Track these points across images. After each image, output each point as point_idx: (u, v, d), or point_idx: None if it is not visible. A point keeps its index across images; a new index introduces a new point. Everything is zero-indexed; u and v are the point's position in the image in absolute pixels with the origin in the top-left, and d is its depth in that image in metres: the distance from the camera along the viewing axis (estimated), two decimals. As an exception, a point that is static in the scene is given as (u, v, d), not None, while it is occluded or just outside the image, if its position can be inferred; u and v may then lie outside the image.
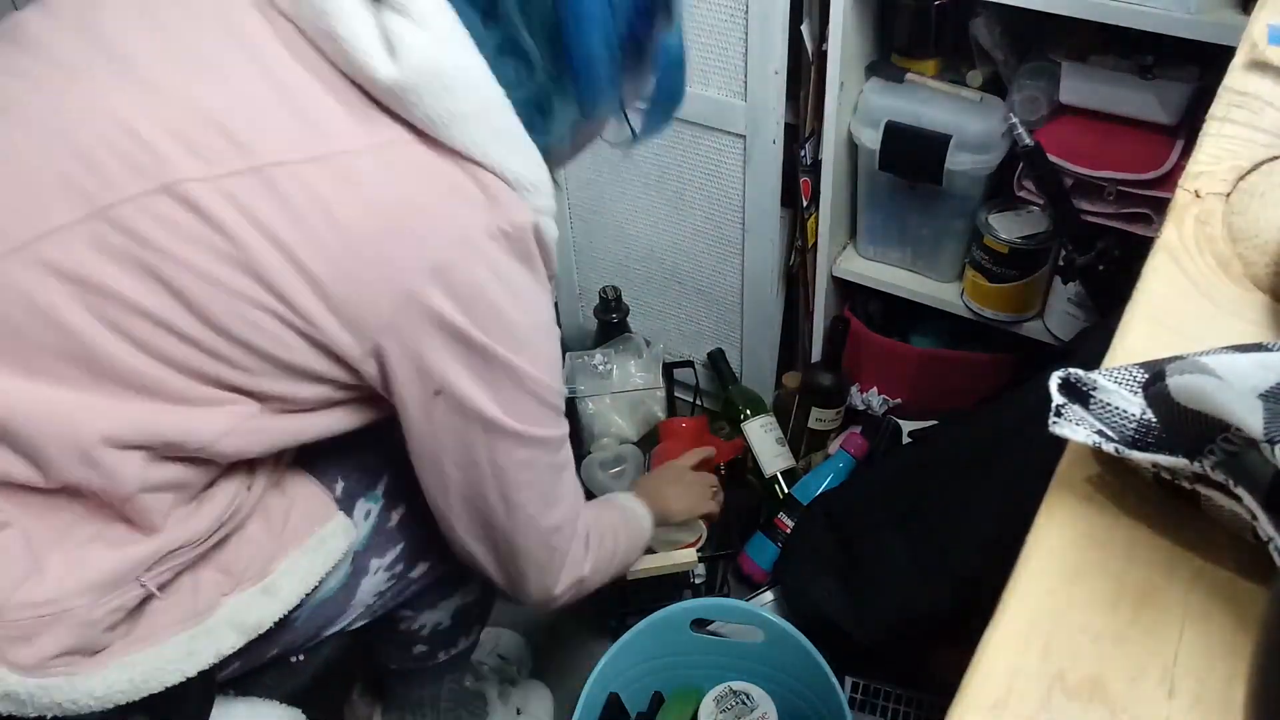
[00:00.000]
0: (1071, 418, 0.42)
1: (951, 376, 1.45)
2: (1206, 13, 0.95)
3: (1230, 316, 0.50)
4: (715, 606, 1.22)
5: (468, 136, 0.66)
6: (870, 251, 1.42)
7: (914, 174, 1.26)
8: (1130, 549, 0.40)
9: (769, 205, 1.41)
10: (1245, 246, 0.53)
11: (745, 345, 1.63)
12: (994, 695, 0.36)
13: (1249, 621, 0.37)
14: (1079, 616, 0.38)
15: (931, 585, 1.14)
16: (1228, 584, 0.39)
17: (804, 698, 1.18)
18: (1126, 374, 0.43)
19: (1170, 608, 0.38)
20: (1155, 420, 0.41)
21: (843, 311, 1.50)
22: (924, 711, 1.25)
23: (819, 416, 1.52)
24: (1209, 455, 0.38)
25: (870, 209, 1.37)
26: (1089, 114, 1.12)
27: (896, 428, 1.42)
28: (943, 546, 1.13)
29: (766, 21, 1.23)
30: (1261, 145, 0.59)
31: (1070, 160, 1.12)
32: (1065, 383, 0.43)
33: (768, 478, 1.51)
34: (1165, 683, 0.36)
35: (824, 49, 1.21)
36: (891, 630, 1.19)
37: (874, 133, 1.24)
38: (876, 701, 1.26)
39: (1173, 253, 0.53)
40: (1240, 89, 0.64)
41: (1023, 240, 1.23)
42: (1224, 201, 0.56)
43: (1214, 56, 0.94)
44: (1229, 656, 0.36)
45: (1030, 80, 1.15)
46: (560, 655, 1.43)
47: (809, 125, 1.33)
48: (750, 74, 1.29)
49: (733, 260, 1.52)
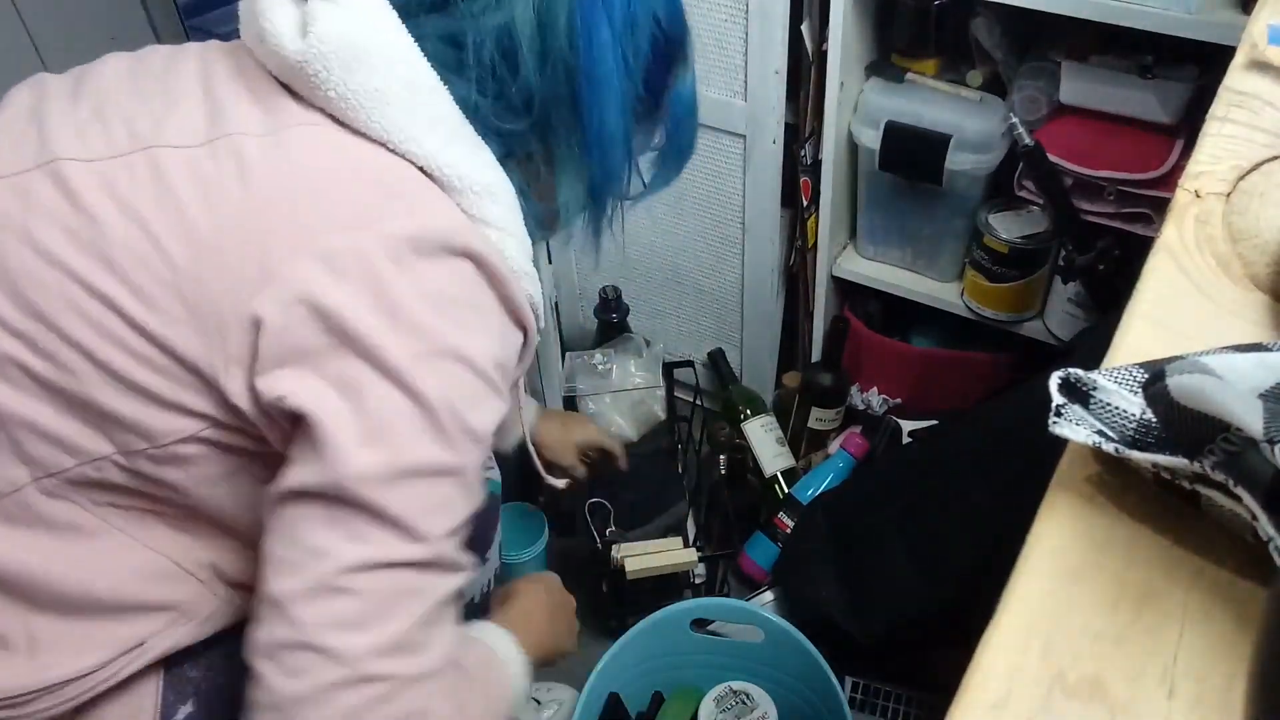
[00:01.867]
0: (1071, 418, 0.42)
1: (951, 376, 1.45)
2: (1206, 13, 0.95)
3: (1230, 316, 0.50)
4: (715, 606, 1.22)
5: (387, 119, 0.59)
6: (870, 251, 1.42)
7: (914, 174, 1.26)
8: (1130, 549, 0.40)
9: (769, 205, 1.41)
10: (1245, 246, 0.53)
11: (745, 345, 1.63)
12: (994, 695, 0.36)
13: (1249, 621, 0.37)
14: (1079, 616, 0.38)
15: (931, 585, 1.13)
16: (1228, 584, 0.39)
17: (804, 697, 1.18)
18: (1126, 374, 0.43)
19: (1170, 608, 0.38)
20: (1155, 420, 0.41)
21: (843, 311, 1.50)
22: (924, 711, 1.25)
23: (819, 416, 1.52)
24: (1209, 455, 0.38)
25: (870, 209, 1.37)
26: (1089, 114, 1.12)
27: (896, 428, 1.42)
28: (943, 546, 1.13)
29: (766, 21, 1.23)
30: (1261, 145, 0.59)
31: (1070, 160, 1.12)
32: (1065, 383, 0.43)
33: (768, 478, 1.51)
34: (1165, 683, 0.36)
35: (824, 49, 1.21)
36: (891, 630, 1.19)
37: (874, 133, 1.24)
38: (876, 701, 1.26)
39: (1173, 253, 0.53)
40: (1240, 89, 0.64)
41: (1023, 240, 1.23)
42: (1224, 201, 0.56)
43: (1214, 56, 0.94)
44: (1229, 656, 0.36)
45: (1030, 80, 1.15)
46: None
47: (809, 125, 1.33)
48: (750, 74, 1.29)
49: (733, 260, 1.52)
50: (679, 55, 0.71)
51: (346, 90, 0.59)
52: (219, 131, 0.60)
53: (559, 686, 1.33)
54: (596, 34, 0.61)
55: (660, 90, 0.71)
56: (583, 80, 0.63)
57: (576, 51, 0.62)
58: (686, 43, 0.73)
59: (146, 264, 0.57)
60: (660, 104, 0.72)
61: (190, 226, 0.57)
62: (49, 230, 0.58)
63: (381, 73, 0.59)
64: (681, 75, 0.73)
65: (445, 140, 0.61)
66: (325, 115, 0.61)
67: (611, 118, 0.65)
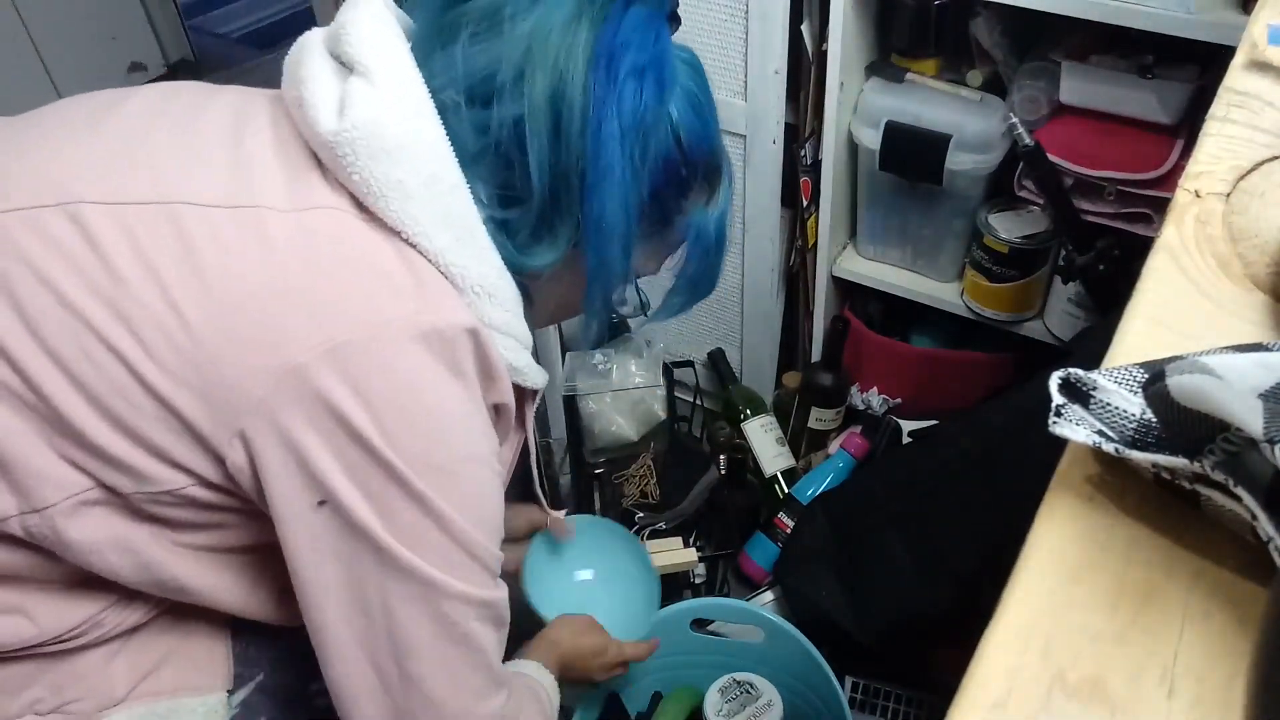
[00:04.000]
0: (1071, 418, 0.42)
1: (951, 376, 1.45)
2: (1206, 13, 0.95)
3: (1230, 316, 0.50)
4: (715, 606, 1.22)
5: (406, 212, 0.60)
6: (870, 251, 1.42)
7: (914, 174, 1.26)
8: (1130, 549, 0.40)
9: (769, 205, 1.41)
10: (1245, 246, 0.53)
11: (745, 345, 1.63)
12: (994, 695, 0.36)
13: (1249, 621, 0.37)
14: (1079, 616, 0.38)
15: (931, 585, 1.13)
16: (1228, 584, 0.39)
17: (804, 697, 1.18)
18: (1126, 374, 0.43)
19: (1170, 608, 0.38)
20: (1155, 420, 0.41)
21: (843, 311, 1.50)
22: (924, 711, 1.25)
23: (819, 416, 1.52)
24: (1209, 455, 0.38)
25: (870, 209, 1.37)
26: (1089, 114, 1.12)
27: (896, 428, 1.42)
28: (943, 546, 1.13)
29: (766, 21, 1.23)
30: (1261, 145, 0.59)
31: (1070, 160, 1.12)
32: (1065, 383, 0.43)
33: (768, 478, 1.51)
34: (1165, 683, 0.36)
35: (824, 49, 1.21)
36: (891, 630, 1.19)
37: (874, 133, 1.24)
38: (876, 701, 1.26)
39: (1173, 253, 0.53)
40: (1240, 89, 0.64)
41: (1023, 240, 1.23)
42: (1224, 201, 0.56)
43: (1214, 56, 0.94)
44: (1229, 656, 0.36)
45: (1030, 80, 1.15)
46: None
47: (809, 125, 1.33)
48: (750, 74, 1.29)
49: (733, 260, 1.52)
50: (698, 182, 0.71)
51: (370, 177, 0.59)
52: (245, 199, 0.60)
53: None
54: (606, 125, 0.62)
55: (670, 207, 0.71)
56: (587, 166, 0.63)
57: (585, 139, 0.62)
58: (709, 174, 0.72)
59: (163, 327, 0.57)
60: (670, 221, 0.72)
61: (209, 295, 0.58)
62: (66, 273, 0.58)
63: (405, 166, 0.60)
64: (700, 204, 0.72)
65: (456, 238, 0.62)
66: (348, 196, 0.61)
67: (611, 208, 0.64)
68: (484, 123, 0.63)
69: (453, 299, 0.62)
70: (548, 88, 0.61)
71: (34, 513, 0.60)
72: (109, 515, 0.62)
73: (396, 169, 0.59)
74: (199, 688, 0.72)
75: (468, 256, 0.62)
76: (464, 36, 0.63)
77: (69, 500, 0.60)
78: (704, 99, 0.70)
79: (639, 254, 0.72)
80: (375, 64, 0.61)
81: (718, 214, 0.74)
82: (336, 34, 0.63)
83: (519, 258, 0.66)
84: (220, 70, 2.85)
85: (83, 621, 0.66)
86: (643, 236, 0.70)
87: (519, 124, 0.62)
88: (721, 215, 0.75)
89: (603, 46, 0.61)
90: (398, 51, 0.63)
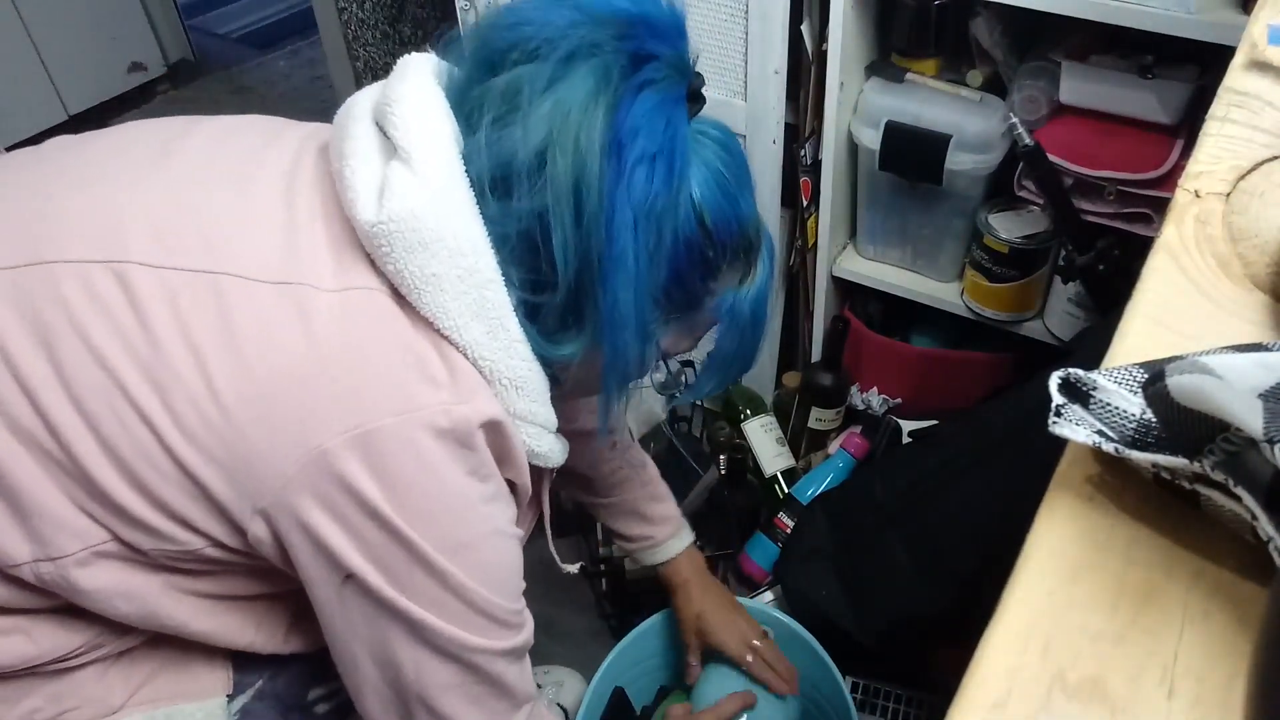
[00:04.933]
0: (1071, 418, 0.42)
1: (951, 376, 1.45)
2: (1206, 13, 0.95)
3: (1230, 316, 0.50)
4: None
5: (440, 305, 0.60)
6: (870, 251, 1.42)
7: (914, 174, 1.26)
8: (1130, 549, 0.40)
9: (769, 205, 1.41)
10: (1245, 246, 0.53)
11: (745, 345, 1.63)
12: (994, 695, 0.36)
13: (1249, 621, 0.37)
14: (1079, 616, 0.38)
15: (931, 585, 1.13)
16: (1228, 584, 0.39)
17: (809, 696, 1.18)
18: (1126, 374, 0.43)
19: (1170, 608, 0.38)
20: (1155, 420, 0.40)
21: (843, 311, 1.50)
22: (924, 711, 1.25)
23: (819, 416, 1.52)
24: (1209, 455, 0.38)
25: (870, 209, 1.37)
26: (1089, 114, 1.12)
27: (896, 428, 1.42)
28: (943, 546, 1.13)
29: (766, 21, 1.23)
30: (1261, 145, 0.59)
31: (1070, 160, 1.12)
32: (1065, 383, 0.43)
33: (768, 478, 1.51)
34: (1165, 683, 0.36)
35: (824, 49, 1.21)
36: (891, 630, 1.19)
37: (874, 133, 1.24)
38: (877, 701, 1.26)
39: (1173, 253, 0.53)
40: (1240, 89, 0.64)
41: (1023, 240, 1.23)
42: (1224, 201, 0.56)
43: (1214, 56, 0.94)
44: (1229, 656, 0.36)
45: (1030, 80, 1.15)
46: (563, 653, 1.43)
47: (809, 125, 1.33)
48: (750, 74, 1.29)
49: (733, 260, 1.52)
50: (727, 262, 0.69)
51: (405, 268, 0.59)
52: (292, 275, 0.60)
53: (556, 669, 1.33)
54: (619, 214, 0.60)
55: (697, 289, 0.68)
56: (601, 256, 0.62)
57: (600, 227, 0.61)
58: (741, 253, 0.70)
59: (194, 399, 0.58)
60: (698, 303, 0.70)
61: (246, 371, 0.58)
62: (106, 333, 0.58)
63: (441, 259, 0.59)
64: (732, 282, 0.70)
65: (488, 331, 0.62)
66: (387, 281, 0.61)
67: (625, 298, 0.62)
68: (512, 208, 0.62)
69: (484, 391, 0.62)
70: (570, 170, 0.60)
71: (48, 560, 0.60)
72: (123, 567, 0.63)
73: (433, 262, 0.59)
74: (198, 694, 0.73)
75: (498, 350, 0.62)
76: (486, 121, 0.61)
77: (85, 551, 0.61)
78: (732, 176, 0.67)
79: (669, 336, 0.71)
80: (417, 150, 0.60)
81: (754, 293, 0.72)
82: (383, 109, 0.62)
83: (546, 347, 0.65)
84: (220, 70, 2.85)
85: (83, 644, 0.67)
86: (668, 320, 0.69)
87: (544, 212, 0.61)
88: (759, 294, 0.72)
89: (613, 133, 0.60)
90: (440, 136, 0.61)
